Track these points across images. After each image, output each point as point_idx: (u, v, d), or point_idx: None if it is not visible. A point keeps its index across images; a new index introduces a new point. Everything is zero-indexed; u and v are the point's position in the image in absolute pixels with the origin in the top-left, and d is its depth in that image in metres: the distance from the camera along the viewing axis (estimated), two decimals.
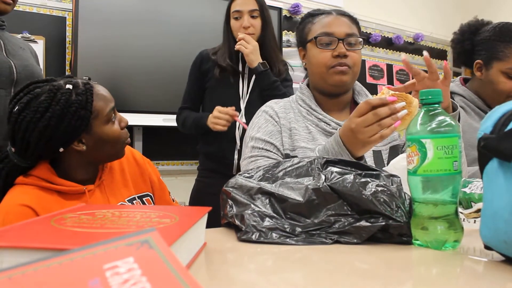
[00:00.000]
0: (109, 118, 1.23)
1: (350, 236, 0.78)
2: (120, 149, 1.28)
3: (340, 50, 1.35)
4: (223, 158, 2.06)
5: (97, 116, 1.20)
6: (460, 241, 0.74)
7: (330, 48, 1.36)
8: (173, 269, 0.34)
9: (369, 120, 1.04)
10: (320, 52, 1.38)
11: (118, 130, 1.26)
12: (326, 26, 1.39)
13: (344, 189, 0.79)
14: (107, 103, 1.24)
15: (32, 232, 0.57)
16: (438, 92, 0.77)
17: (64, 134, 1.16)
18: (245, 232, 0.80)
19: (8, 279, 0.31)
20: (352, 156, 1.10)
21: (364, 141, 1.07)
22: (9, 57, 1.65)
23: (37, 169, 1.18)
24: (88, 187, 1.21)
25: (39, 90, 1.17)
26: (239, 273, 0.64)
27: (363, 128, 1.05)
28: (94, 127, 1.20)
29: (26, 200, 1.09)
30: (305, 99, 1.43)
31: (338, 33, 1.37)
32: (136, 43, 3.06)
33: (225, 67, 2.08)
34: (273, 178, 0.89)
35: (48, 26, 3.08)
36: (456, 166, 0.74)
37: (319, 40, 1.38)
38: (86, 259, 0.35)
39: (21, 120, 1.14)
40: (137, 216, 0.66)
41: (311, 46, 1.41)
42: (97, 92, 1.22)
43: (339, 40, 1.36)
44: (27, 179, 1.16)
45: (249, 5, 2.09)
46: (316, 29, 1.41)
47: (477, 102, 1.76)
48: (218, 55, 2.12)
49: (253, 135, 1.40)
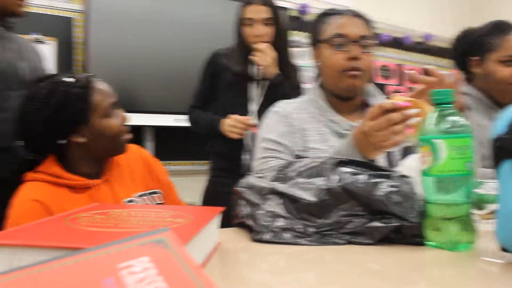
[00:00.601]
0: (107, 113, 1.25)
1: (362, 236, 0.78)
2: (119, 144, 1.30)
3: (354, 52, 1.33)
4: (234, 158, 2.06)
5: (95, 109, 1.23)
6: (473, 242, 0.74)
7: (343, 50, 1.34)
8: (188, 268, 0.34)
9: (381, 125, 1.04)
10: (333, 54, 1.36)
11: (116, 125, 1.27)
12: (340, 27, 1.36)
13: (357, 189, 0.79)
14: (106, 98, 1.26)
15: (47, 231, 0.58)
16: (450, 92, 0.77)
17: (62, 125, 1.20)
18: (257, 232, 0.80)
19: (26, 277, 0.32)
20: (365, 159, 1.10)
21: (376, 145, 1.07)
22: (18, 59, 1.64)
23: (44, 164, 1.22)
24: (94, 182, 1.24)
25: (43, 84, 1.23)
26: (252, 273, 0.64)
27: (375, 132, 1.05)
28: (92, 120, 1.23)
29: (37, 195, 1.13)
30: (317, 100, 1.42)
31: (352, 35, 1.35)
32: (147, 44, 3.07)
33: (238, 72, 2.08)
34: (285, 178, 0.89)
35: (60, 28, 3.10)
36: (469, 166, 0.73)
37: (333, 42, 1.36)
38: (100, 258, 0.35)
39: (24, 112, 1.21)
40: (150, 216, 0.66)
41: (324, 46, 1.39)
42: (96, 87, 1.26)
43: (353, 42, 1.34)
44: (36, 175, 1.19)
45: (262, 13, 2.05)
46: (330, 30, 1.38)
47: (483, 99, 1.77)
48: (231, 61, 2.11)
49: (265, 136, 1.40)
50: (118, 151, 1.31)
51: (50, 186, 1.18)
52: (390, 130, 1.04)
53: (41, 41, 3.01)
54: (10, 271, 0.32)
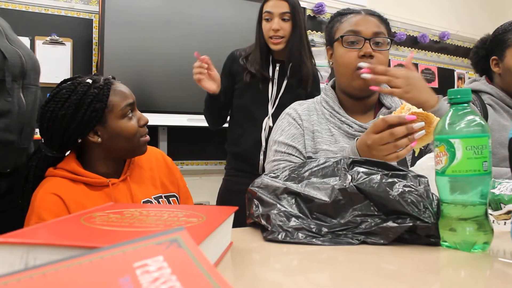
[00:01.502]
0: (124, 113, 1.28)
1: (376, 236, 0.77)
2: (137, 145, 1.31)
3: (366, 50, 1.32)
4: (249, 158, 2.07)
5: (112, 110, 1.27)
6: (490, 243, 0.73)
7: (356, 48, 1.33)
8: (202, 268, 0.34)
9: (385, 139, 1.05)
10: (346, 52, 1.35)
11: (134, 126, 1.29)
12: (354, 25, 1.36)
13: (371, 189, 0.78)
14: (124, 99, 1.29)
15: (63, 230, 0.58)
16: (467, 92, 0.76)
17: (79, 124, 1.24)
18: (271, 232, 0.80)
19: (42, 275, 0.32)
20: None
21: (380, 158, 1.06)
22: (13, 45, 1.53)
23: (64, 161, 1.27)
24: (111, 180, 1.28)
25: (65, 84, 1.28)
26: (265, 272, 0.64)
27: (379, 146, 1.06)
28: (109, 120, 1.27)
29: (56, 190, 1.19)
30: (328, 101, 1.42)
31: (365, 32, 1.34)
32: (161, 44, 3.09)
33: (255, 73, 2.08)
34: (299, 178, 0.89)
35: (76, 29, 3.14)
36: (486, 166, 0.73)
37: (346, 39, 1.35)
38: (116, 257, 0.35)
39: (45, 110, 1.26)
40: (164, 215, 0.67)
41: (338, 45, 1.39)
42: (115, 88, 1.29)
43: (366, 40, 1.33)
44: (56, 171, 1.25)
45: (281, 7, 2.05)
46: (344, 28, 1.38)
47: (505, 99, 1.74)
48: (249, 60, 2.11)
49: (276, 139, 1.40)
50: (135, 152, 1.33)
51: (68, 182, 1.23)
52: (394, 144, 1.04)
53: (57, 41, 3.05)
54: (26, 270, 0.32)
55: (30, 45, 3.03)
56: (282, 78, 2.11)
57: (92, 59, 3.17)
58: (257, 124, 2.08)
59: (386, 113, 1.38)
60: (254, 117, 2.09)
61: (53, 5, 3.06)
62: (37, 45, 3.05)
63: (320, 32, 4.10)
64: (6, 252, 0.50)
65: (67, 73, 3.13)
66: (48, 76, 3.08)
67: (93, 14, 3.16)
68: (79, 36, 3.15)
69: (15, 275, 0.31)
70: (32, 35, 3.04)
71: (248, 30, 2.29)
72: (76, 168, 1.25)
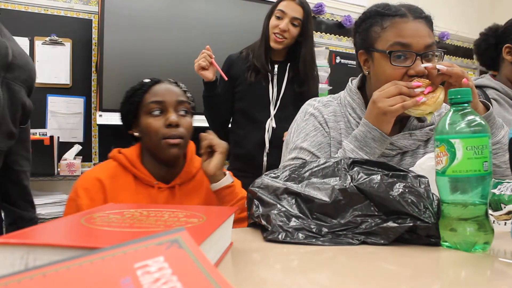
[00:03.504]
0: (148, 110, 1.28)
1: (377, 237, 0.77)
2: (158, 145, 1.27)
3: (418, 69, 1.12)
4: (253, 160, 2.07)
5: (142, 106, 1.31)
6: (490, 243, 0.73)
7: (405, 66, 1.14)
8: (203, 268, 0.34)
9: (390, 92, 1.09)
10: (393, 69, 1.15)
11: (156, 125, 1.27)
12: (401, 36, 1.14)
13: (371, 189, 0.78)
14: (153, 96, 1.30)
15: (63, 231, 0.58)
16: (467, 92, 0.76)
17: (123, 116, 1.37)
18: (271, 232, 0.80)
19: (42, 276, 0.32)
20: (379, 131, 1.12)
21: (385, 110, 1.09)
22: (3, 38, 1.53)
23: (130, 148, 1.33)
24: (159, 184, 1.29)
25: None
26: (265, 273, 0.64)
27: (384, 98, 1.09)
28: (140, 116, 1.31)
29: (101, 176, 1.24)
30: (355, 108, 1.27)
31: (416, 46, 1.13)
32: (160, 44, 3.09)
33: (259, 68, 2.09)
34: (299, 178, 0.89)
35: (76, 29, 3.14)
36: (486, 166, 0.73)
37: (393, 55, 1.14)
38: (116, 258, 0.35)
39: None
40: (165, 215, 0.67)
41: (381, 57, 1.18)
42: (155, 87, 1.32)
43: (417, 56, 1.13)
44: (117, 155, 1.31)
45: (295, 11, 2.05)
46: (388, 38, 1.16)
47: (510, 94, 1.74)
48: (255, 56, 2.13)
49: (299, 144, 1.26)
50: (159, 153, 1.29)
51: (120, 170, 1.28)
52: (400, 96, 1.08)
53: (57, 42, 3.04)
54: (27, 271, 0.32)
55: (29, 46, 3.03)
56: (282, 77, 2.11)
57: (92, 59, 3.17)
58: (260, 126, 2.09)
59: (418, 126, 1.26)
60: (256, 119, 2.10)
61: (52, 6, 3.05)
62: (36, 45, 3.05)
63: (320, 32, 4.10)
64: (6, 252, 0.50)
65: (67, 74, 3.13)
66: (47, 76, 3.08)
67: (92, 14, 3.16)
68: (78, 37, 3.15)
69: (15, 276, 0.31)
70: (31, 35, 3.04)
71: (248, 31, 2.29)
72: (134, 158, 1.29)
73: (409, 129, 1.27)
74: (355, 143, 1.14)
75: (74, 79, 3.17)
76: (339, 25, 4.28)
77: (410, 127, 1.27)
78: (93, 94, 3.20)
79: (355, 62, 1.34)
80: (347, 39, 4.28)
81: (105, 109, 3.04)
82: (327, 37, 4.21)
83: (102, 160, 3.27)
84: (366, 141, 1.13)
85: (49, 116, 3.12)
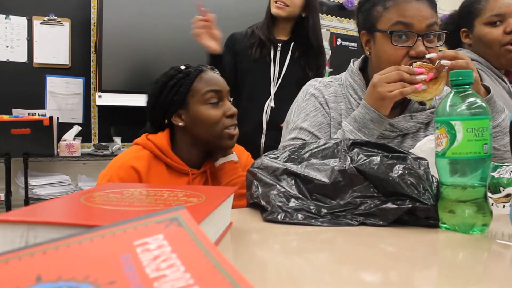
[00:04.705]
0: (206, 99, 1.28)
1: (376, 218, 0.78)
2: (219, 136, 1.28)
3: (419, 49, 1.12)
4: (250, 142, 2.06)
5: (194, 94, 1.28)
6: (488, 225, 0.73)
7: (406, 46, 1.14)
8: (202, 246, 0.34)
9: (391, 77, 1.07)
10: (392, 49, 1.15)
11: (217, 114, 1.27)
12: (403, 15, 1.14)
13: (371, 170, 0.78)
14: (208, 85, 1.29)
15: (63, 209, 0.59)
16: (468, 73, 0.75)
17: (163, 105, 1.30)
18: (270, 213, 0.80)
19: (43, 253, 0.32)
20: (378, 113, 1.11)
21: (383, 95, 1.08)
22: None
23: (158, 136, 1.30)
24: (192, 170, 1.29)
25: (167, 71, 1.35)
26: (264, 253, 0.64)
27: (384, 83, 1.08)
28: (191, 104, 1.28)
29: (137, 165, 1.22)
30: (356, 89, 1.27)
31: (418, 26, 1.13)
32: (160, 24, 3.06)
33: (264, 41, 2.07)
34: (299, 159, 0.89)
35: (74, 9, 3.11)
36: (486, 149, 0.72)
37: (394, 35, 1.14)
38: (116, 236, 0.35)
39: (148, 89, 1.36)
40: (164, 195, 0.67)
41: (382, 37, 1.18)
42: (204, 75, 1.30)
43: (419, 36, 1.13)
44: (145, 142, 1.29)
45: None
46: (390, 17, 1.16)
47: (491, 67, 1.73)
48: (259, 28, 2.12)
49: (299, 124, 1.27)
50: (218, 143, 1.30)
51: (152, 159, 1.26)
52: (400, 83, 1.06)
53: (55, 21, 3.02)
54: (27, 248, 0.32)
55: (27, 25, 3.01)
56: (284, 58, 2.10)
57: (91, 39, 3.15)
58: (259, 105, 2.09)
59: (419, 108, 1.26)
60: (256, 98, 2.09)
61: None
62: (34, 25, 3.03)
63: (321, 14, 4.06)
64: (6, 230, 0.50)
65: (66, 54, 3.12)
66: (46, 56, 3.07)
67: None
68: (77, 16, 3.12)
69: (16, 252, 0.32)
70: (29, 15, 3.02)
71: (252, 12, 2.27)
72: (165, 146, 1.28)
73: (410, 111, 1.27)
74: (354, 124, 1.14)
75: (73, 60, 3.15)
76: (340, 6, 4.25)
77: (411, 110, 1.27)
78: (92, 74, 3.18)
79: (357, 44, 1.35)
80: (348, 21, 4.25)
81: (104, 89, 3.03)
82: (328, 18, 4.18)
83: (102, 141, 3.27)
84: (364, 122, 1.13)
85: (48, 97, 3.12)
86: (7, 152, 2.56)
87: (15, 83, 3.01)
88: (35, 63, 3.05)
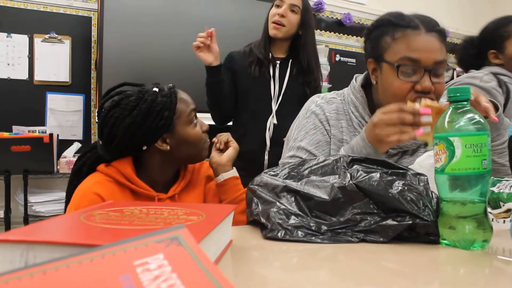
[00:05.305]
0: (190, 120, 1.29)
1: (376, 234, 0.77)
2: (201, 151, 1.32)
3: (425, 84, 1.11)
4: (254, 158, 2.07)
5: (179, 117, 1.27)
6: (489, 241, 0.73)
7: (412, 80, 1.12)
8: (202, 266, 0.34)
9: (392, 120, 1.03)
10: (400, 83, 1.13)
11: (199, 132, 1.31)
12: (412, 50, 1.12)
13: (370, 187, 0.79)
14: (188, 105, 1.30)
15: (62, 228, 0.59)
16: (466, 90, 0.76)
17: (147, 132, 1.23)
18: (270, 230, 0.80)
19: (42, 274, 0.32)
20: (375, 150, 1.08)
21: (381, 138, 1.05)
22: None
23: (120, 162, 1.25)
24: (159, 195, 1.26)
25: (130, 91, 1.27)
26: (265, 270, 0.64)
27: (384, 125, 1.04)
28: (177, 127, 1.26)
29: (100, 191, 1.17)
30: (358, 106, 1.26)
31: (425, 61, 1.11)
32: (160, 42, 3.09)
33: (262, 60, 2.10)
34: (299, 176, 0.89)
35: (75, 26, 3.13)
36: (485, 164, 0.73)
37: (401, 69, 1.13)
38: (116, 256, 0.35)
39: (110, 116, 1.23)
40: (164, 213, 0.67)
41: (389, 69, 1.16)
42: (179, 96, 1.29)
43: (426, 71, 1.11)
44: (107, 169, 1.23)
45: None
46: (399, 51, 1.14)
47: None
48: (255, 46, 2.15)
49: (298, 142, 1.28)
50: (199, 158, 1.34)
51: (115, 185, 1.22)
52: (400, 128, 1.03)
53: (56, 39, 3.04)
54: (27, 268, 0.32)
55: (28, 43, 3.03)
56: (283, 75, 2.12)
57: (91, 57, 3.17)
58: (261, 122, 2.09)
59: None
60: (258, 115, 2.10)
61: (52, 3, 3.05)
62: (35, 42, 3.05)
63: (319, 30, 4.10)
64: (6, 250, 0.50)
65: (66, 71, 3.13)
66: (47, 74, 3.09)
67: (92, 11, 3.16)
68: (78, 34, 3.15)
69: (15, 273, 0.31)
70: (30, 32, 3.04)
71: (250, 29, 2.29)
72: (129, 173, 1.23)
73: None
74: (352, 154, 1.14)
75: (74, 77, 3.17)
76: (338, 23, 4.28)
77: None
78: (93, 91, 3.20)
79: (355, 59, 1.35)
80: (346, 37, 4.28)
81: None
82: (327, 35, 4.21)
83: None
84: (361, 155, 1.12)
85: (48, 114, 3.12)
86: (7, 169, 2.56)
87: (16, 100, 3.02)
88: (36, 80, 3.06)
